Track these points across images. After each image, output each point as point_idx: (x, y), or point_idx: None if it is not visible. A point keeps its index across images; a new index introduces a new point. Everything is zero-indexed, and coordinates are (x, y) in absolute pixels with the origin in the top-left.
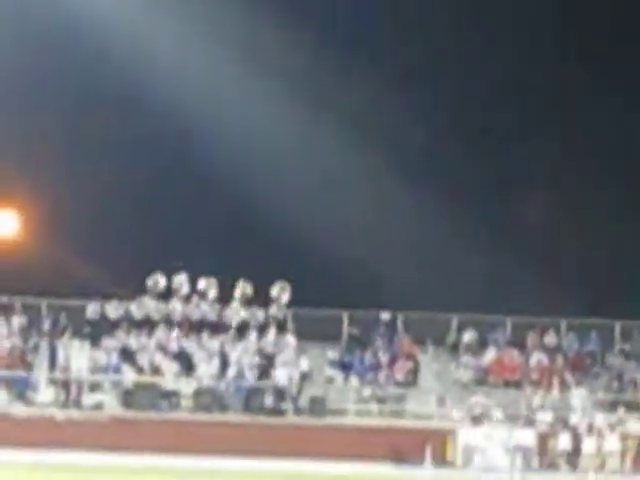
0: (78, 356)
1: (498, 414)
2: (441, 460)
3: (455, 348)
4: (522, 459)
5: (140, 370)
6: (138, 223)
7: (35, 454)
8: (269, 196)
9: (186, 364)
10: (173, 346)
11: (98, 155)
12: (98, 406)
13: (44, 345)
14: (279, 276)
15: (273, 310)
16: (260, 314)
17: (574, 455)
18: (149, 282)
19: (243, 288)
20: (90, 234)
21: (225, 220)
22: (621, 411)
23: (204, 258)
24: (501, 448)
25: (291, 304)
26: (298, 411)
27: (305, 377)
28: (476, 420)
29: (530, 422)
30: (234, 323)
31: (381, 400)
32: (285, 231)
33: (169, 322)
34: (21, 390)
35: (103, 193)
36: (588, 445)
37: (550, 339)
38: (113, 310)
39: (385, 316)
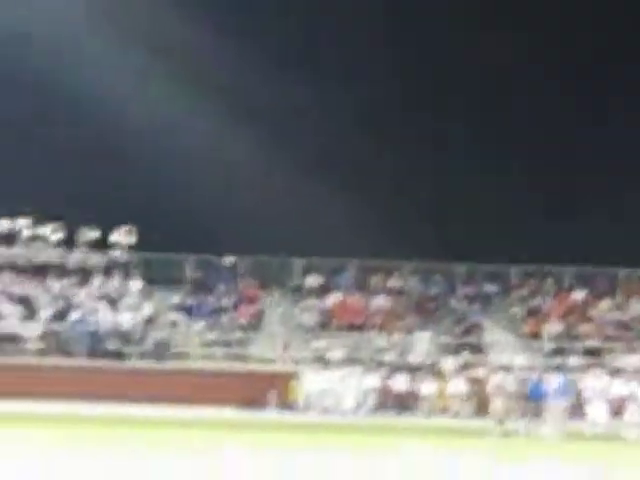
0: None
1: (342, 357)
2: (285, 403)
3: (299, 292)
4: (366, 401)
5: None
6: None
7: None
8: (119, 139)
9: (29, 308)
10: (16, 290)
11: None
12: None
13: None
14: (125, 220)
15: (117, 254)
16: (104, 258)
17: (416, 398)
18: None
19: (87, 232)
20: None
21: (73, 163)
22: (465, 354)
23: (49, 202)
24: (344, 391)
25: (136, 248)
26: (142, 355)
27: (149, 321)
28: (320, 363)
29: (373, 365)
30: (78, 267)
31: (225, 344)
32: (131, 174)
33: (12, 266)
34: None
35: None
36: (430, 388)
37: (394, 282)
38: None
39: (228, 260)
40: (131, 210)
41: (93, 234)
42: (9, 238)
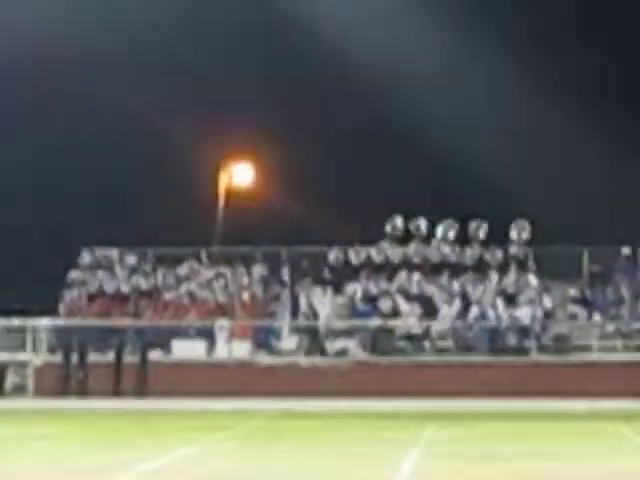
0: (320, 302)
1: None
2: None
3: None
4: None
5: (383, 315)
6: (368, 172)
7: (280, 403)
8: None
9: (428, 307)
10: (414, 289)
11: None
12: (343, 352)
13: (285, 293)
14: (515, 216)
15: (513, 249)
16: (500, 254)
17: None
18: (388, 226)
19: (477, 228)
20: (326, 182)
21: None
22: None
23: (447, 202)
24: None
25: (531, 243)
26: (542, 349)
27: (548, 315)
28: None
29: None
30: (474, 264)
31: (625, 335)
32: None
33: (409, 266)
34: (264, 339)
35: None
36: None
37: None
38: (354, 255)
39: (626, 251)
40: (522, 205)
41: (483, 230)
42: (405, 238)
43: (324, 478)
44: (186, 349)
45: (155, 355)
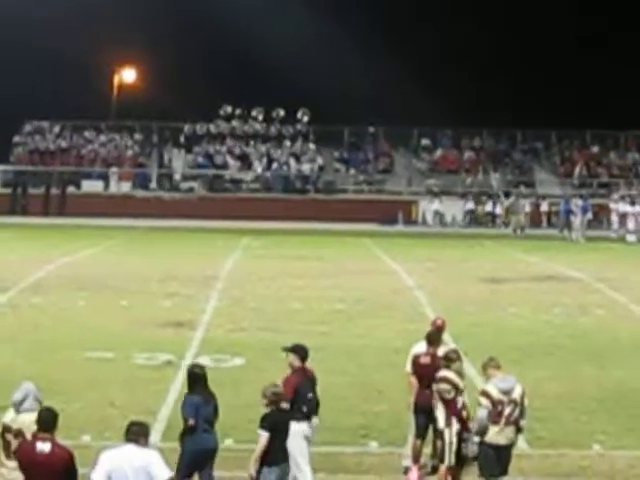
0: (177, 158)
1: (444, 190)
2: (408, 220)
3: (416, 149)
4: (459, 218)
5: (216, 166)
6: (208, 74)
7: (149, 222)
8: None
9: (245, 162)
10: (237, 151)
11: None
12: (190, 190)
13: (155, 152)
14: (302, 104)
15: (299, 126)
16: (292, 129)
17: (493, 215)
18: (221, 110)
19: (279, 113)
20: (182, 80)
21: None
22: (522, 188)
23: (258, 94)
24: (445, 212)
25: (311, 122)
26: (317, 191)
27: (321, 169)
28: (431, 194)
29: (465, 195)
30: (275, 135)
31: (370, 183)
32: (306, 74)
33: (234, 136)
34: (140, 180)
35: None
36: (500, 209)
37: (477, 141)
38: (200, 128)
39: (372, 129)
40: (306, 97)
41: (282, 113)
42: (229, 117)
43: (170, 268)
44: (91, 186)
45: (71, 189)
